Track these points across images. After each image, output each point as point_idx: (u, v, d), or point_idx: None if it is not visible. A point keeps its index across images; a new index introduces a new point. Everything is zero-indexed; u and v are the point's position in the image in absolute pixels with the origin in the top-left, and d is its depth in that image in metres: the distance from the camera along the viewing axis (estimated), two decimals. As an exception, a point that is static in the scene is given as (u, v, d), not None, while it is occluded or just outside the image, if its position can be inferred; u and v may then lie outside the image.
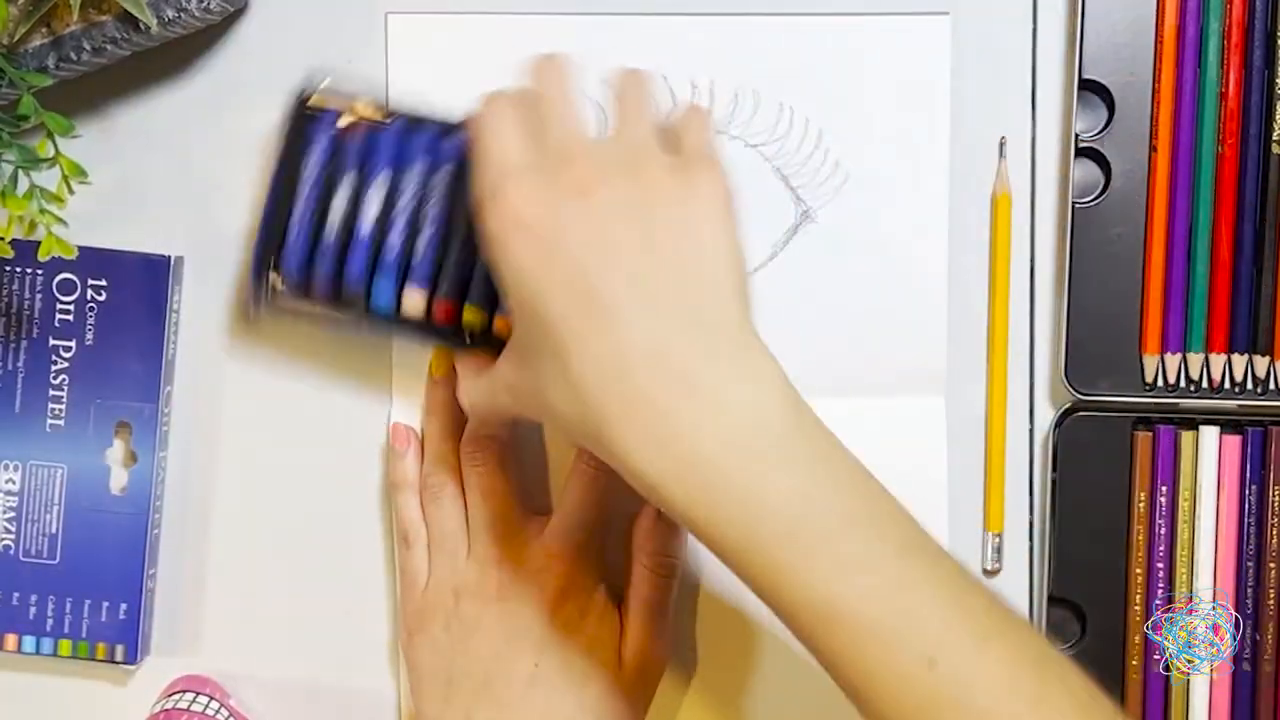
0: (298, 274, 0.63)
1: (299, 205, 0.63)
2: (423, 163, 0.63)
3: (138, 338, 0.67)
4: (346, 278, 0.63)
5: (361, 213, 0.63)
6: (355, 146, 0.63)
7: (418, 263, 0.62)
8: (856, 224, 0.68)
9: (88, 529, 0.68)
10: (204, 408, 0.70)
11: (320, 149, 0.63)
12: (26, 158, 0.61)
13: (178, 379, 0.69)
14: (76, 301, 0.68)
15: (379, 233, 0.63)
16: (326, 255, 0.63)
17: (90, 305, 0.68)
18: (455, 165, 0.63)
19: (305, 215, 0.63)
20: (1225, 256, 0.66)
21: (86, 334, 0.68)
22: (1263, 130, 0.65)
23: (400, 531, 0.67)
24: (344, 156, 0.63)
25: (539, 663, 0.63)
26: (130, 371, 0.67)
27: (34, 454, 0.68)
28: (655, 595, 0.66)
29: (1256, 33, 0.65)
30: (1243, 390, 0.66)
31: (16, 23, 0.63)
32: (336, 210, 0.63)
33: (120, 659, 0.68)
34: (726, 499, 0.52)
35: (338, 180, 0.63)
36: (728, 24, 0.67)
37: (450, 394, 0.66)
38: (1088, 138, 0.66)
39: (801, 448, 0.52)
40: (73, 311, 0.68)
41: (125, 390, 0.68)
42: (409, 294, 0.63)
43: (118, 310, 0.68)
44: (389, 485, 0.68)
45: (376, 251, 0.63)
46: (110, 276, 0.68)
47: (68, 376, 0.68)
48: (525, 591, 0.63)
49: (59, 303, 0.68)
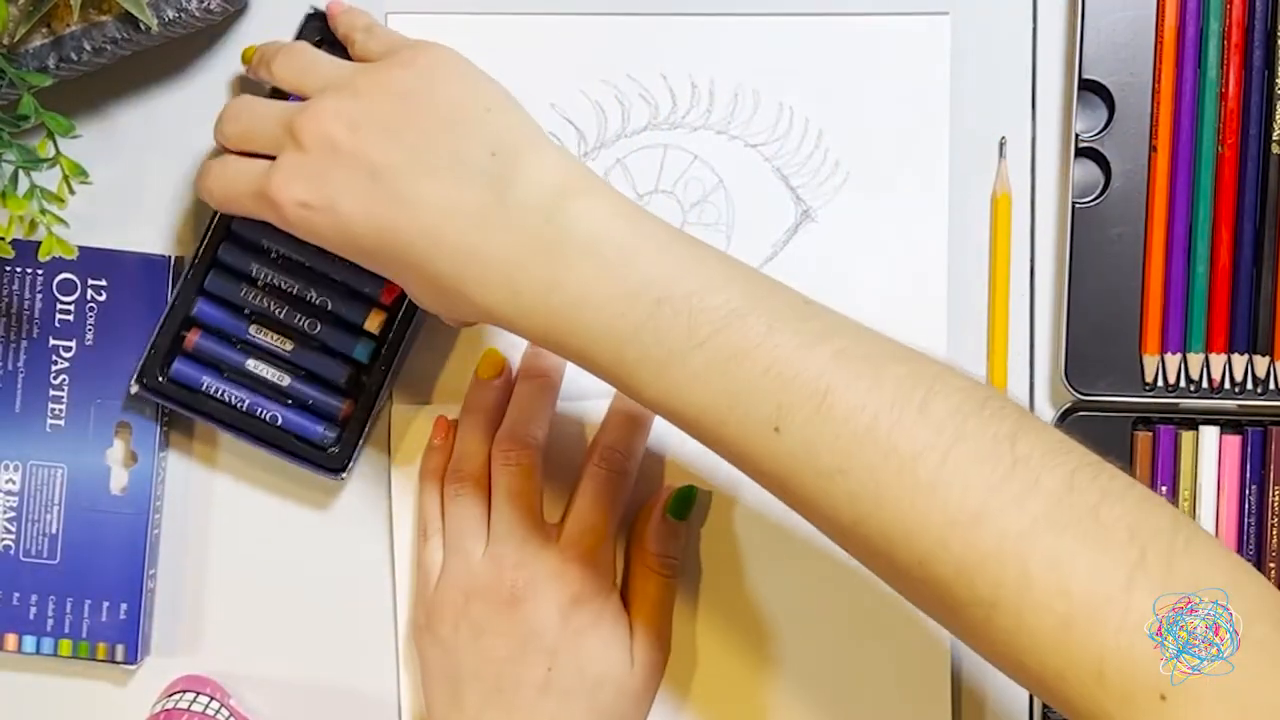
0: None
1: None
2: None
3: (138, 338, 0.67)
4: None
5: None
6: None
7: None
8: (856, 224, 0.68)
9: (88, 529, 0.68)
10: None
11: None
12: (27, 158, 0.61)
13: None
14: (76, 301, 0.68)
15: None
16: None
17: (90, 305, 0.68)
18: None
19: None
20: (1225, 256, 0.66)
21: (87, 334, 0.68)
22: (1263, 130, 0.65)
23: (420, 524, 0.67)
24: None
25: (552, 668, 0.63)
26: (130, 371, 0.67)
27: (34, 454, 0.68)
28: (658, 595, 0.66)
29: (1256, 33, 0.65)
30: (1243, 390, 0.66)
31: (17, 23, 0.63)
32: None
33: (120, 659, 0.68)
34: (573, 323, 0.54)
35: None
36: (728, 24, 0.67)
37: (489, 395, 0.67)
38: (1088, 138, 0.66)
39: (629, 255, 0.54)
40: (73, 311, 0.68)
41: (125, 390, 0.68)
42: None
43: (118, 310, 0.68)
44: (419, 476, 0.68)
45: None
46: (110, 276, 0.68)
47: (68, 376, 0.68)
48: (541, 596, 0.63)
49: (59, 303, 0.68)
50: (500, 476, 0.65)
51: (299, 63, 0.62)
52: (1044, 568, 0.49)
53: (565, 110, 0.68)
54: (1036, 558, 0.49)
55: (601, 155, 0.68)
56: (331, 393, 0.66)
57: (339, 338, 0.66)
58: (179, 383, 0.66)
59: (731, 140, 0.68)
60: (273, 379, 0.66)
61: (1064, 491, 0.49)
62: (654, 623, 0.66)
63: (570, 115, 0.68)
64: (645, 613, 0.66)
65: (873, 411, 0.51)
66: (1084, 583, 0.48)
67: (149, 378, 0.66)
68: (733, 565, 0.68)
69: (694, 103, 0.68)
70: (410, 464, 0.69)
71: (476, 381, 0.67)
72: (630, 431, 0.66)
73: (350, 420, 0.66)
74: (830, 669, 0.68)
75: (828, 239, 0.68)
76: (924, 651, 0.67)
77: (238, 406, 0.66)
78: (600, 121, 0.68)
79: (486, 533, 0.65)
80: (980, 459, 0.50)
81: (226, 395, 0.66)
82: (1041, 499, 0.49)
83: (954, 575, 0.50)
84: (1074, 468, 0.50)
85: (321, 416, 0.66)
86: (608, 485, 0.65)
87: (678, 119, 0.68)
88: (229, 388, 0.66)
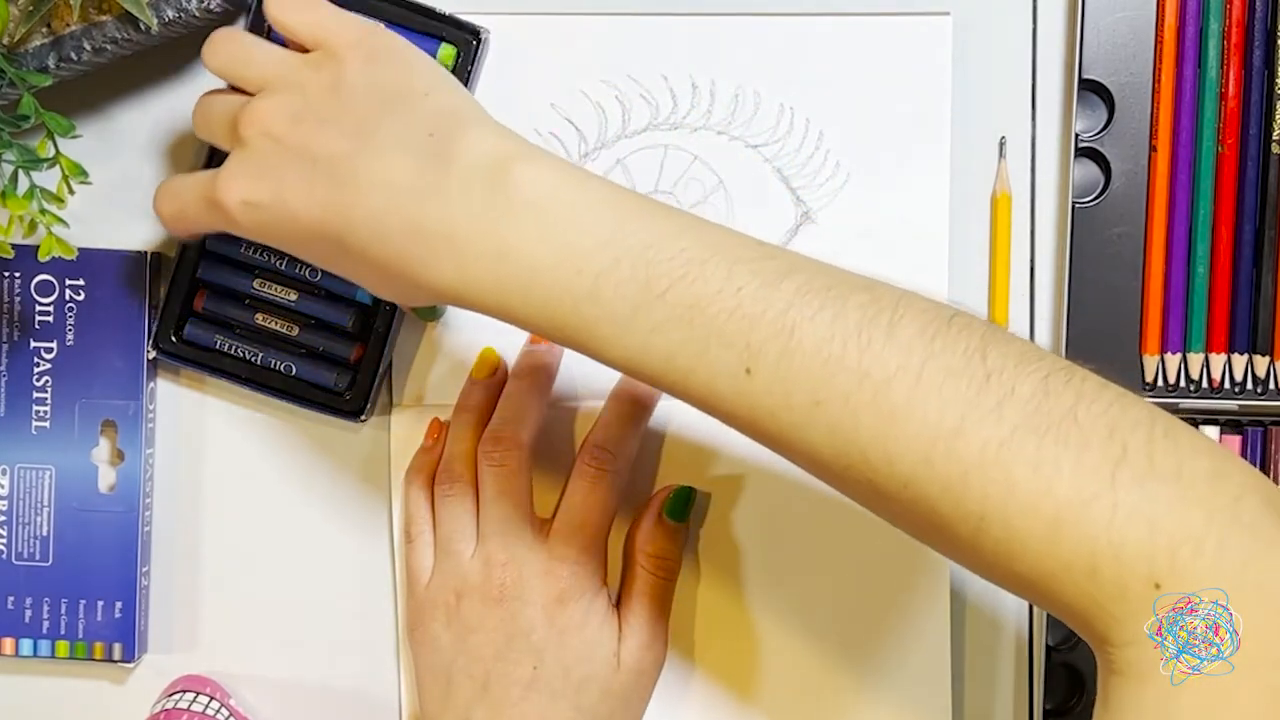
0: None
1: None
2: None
3: (119, 335, 0.68)
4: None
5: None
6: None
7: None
8: (856, 224, 0.68)
9: (79, 529, 0.68)
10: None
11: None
12: (27, 158, 0.61)
13: (160, 375, 0.69)
14: (55, 302, 0.68)
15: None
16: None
17: (69, 305, 0.68)
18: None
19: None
20: (1225, 256, 0.66)
21: (67, 334, 0.68)
22: (1263, 130, 0.65)
23: (404, 525, 0.67)
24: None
25: (538, 666, 0.63)
26: (113, 369, 0.68)
27: (21, 457, 0.68)
28: (654, 597, 0.66)
29: (1256, 33, 0.65)
30: (1243, 390, 0.66)
31: (17, 23, 0.63)
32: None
33: (118, 657, 0.68)
34: (527, 291, 0.54)
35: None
36: (728, 24, 0.67)
37: (480, 395, 0.67)
38: (1088, 138, 0.66)
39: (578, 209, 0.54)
40: (52, 312, 0.68)
41: (109, 388, 0.68)
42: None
43: (97, 309, 0.68)
44: (405, 477, 0.68)
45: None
46: (87, 275, 0.68)
47: (50, 377, 0.68)
48: (527, 594, 0.63)
49: (38, 304, 0.68)
50: (486, 477, 0.65)
51: (234, 52, 0.61)
52: (1027, 472, 0.49)
53: (565, 110, 0.68)
54: (1019, 464, 0.49)
55: (602, 155, 0.68)
56: (340, 338, 0.67)
57: (339, 282, 0.66)
58: (193, 343, 0.67)
59: (732, 141, 0.68)
60: (282, 330, 0.67)
61: (1040, 397, 0.50)
62: (646, 624, 0.65)
63: (570, 115, 0.68)
64: (638, 614, 0.65)
65: (841, 340, 0.51)
66: (1068, 482, 0.48)
67: (164, 341, 0.67)
68: (732, 565, 0.68)
69: (695, 103, 0.68)
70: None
71: (470, 381, 0.67)
72: (622, 431, 0.66)
73: (362, 363, 0.67)
74: (831, 669, 0.68)
75: (828, 240, 0.68)
76: (924, 651, 0.67)
77: (252, 361, 0.67)
78: (600, 121, 0.68)
79: (477, 532, 0.65)
80: (953, 374, 0.50)
81: (240, 351, 0.67)
82: (1018, 406, 0.49)
83: (939, 492, 0.50)
84: (1047, 373, 0.50)
85: (333, 363, 0.67)
86: (598, 484, 0.65)
87: (678, 119, 0.68)
88: (241, 344, 0.67)
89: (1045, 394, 0.50)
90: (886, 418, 0.50)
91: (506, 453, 0.65)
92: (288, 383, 0.67)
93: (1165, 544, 0.48)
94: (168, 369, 0.69)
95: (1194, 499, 0.48)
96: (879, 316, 0.51)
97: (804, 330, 0.51)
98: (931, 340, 0.51)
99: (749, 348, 0.52)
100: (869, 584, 0.68)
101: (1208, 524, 0.48)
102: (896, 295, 0.52)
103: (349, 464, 0.69)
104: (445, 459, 0.67)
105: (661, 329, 0.53)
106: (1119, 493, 0.48)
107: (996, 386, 0.50)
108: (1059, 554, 0.49)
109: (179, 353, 0.67)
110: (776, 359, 0.51)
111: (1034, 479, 0.49)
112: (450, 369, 0.69)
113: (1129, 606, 0.48)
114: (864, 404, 0.51)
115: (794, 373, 0.51)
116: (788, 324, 0.51)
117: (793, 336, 0.51)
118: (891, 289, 0.53)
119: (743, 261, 0.53)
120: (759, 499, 0.68)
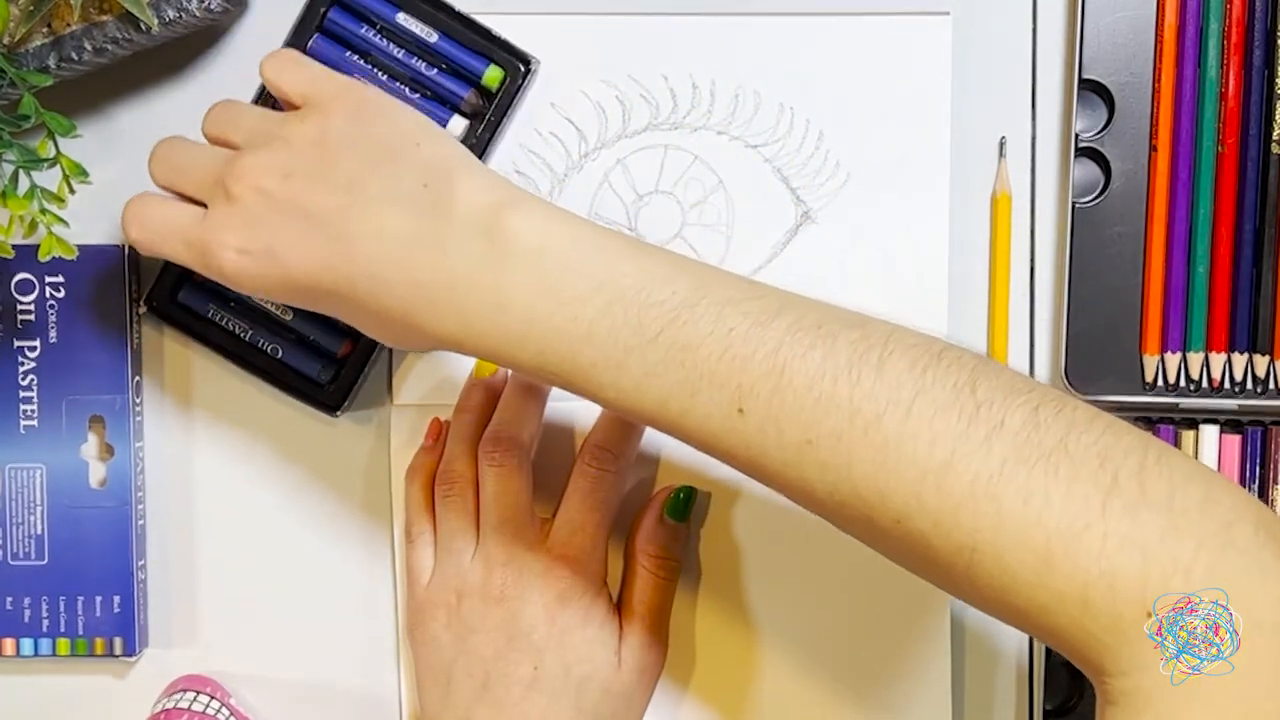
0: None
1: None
2: None
3: (101, 330, 0.68)
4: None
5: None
6: None
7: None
8: (857, 225, 0.68)
9: (73, 526, 0.68)
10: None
11: None
12: (27, 158, 0.61)
13: (146, 367, 0.69)
14: (36, 300, 0.68)
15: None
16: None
17: (50, 303, 0.68)
18: None
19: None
20: (1225, 256, 0.66)
21: (50, 332, 0.68)
22: (1263, 130, 0.65)
23: (405, 525, 0.67)
24: None
25: (538, 666, 0.63)
26: (98, 364, 0.68)
27: (11, 457, 0.68)
28: (655, 597, 0.66)
29: (1256, 33, 0.65)
30: (1243, 390, 0.66)
31: (17, 23, 0.63)
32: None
33: (120, 652, 0.68)
34: (524, 338, 0.55)
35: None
36: (728, 24, 0.67)
37: (482, 396, 0.67)
38: (1088, 138, 0.66)
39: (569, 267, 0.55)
40: (33, 311, 0.68)
41: (95, 384, 0.68)
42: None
43: (78, 304, 0.68)
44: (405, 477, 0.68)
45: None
46: (66, 272, 0.68)
47: (36, 376, 0.68)
48: (528, 594, 0.63)
49: (19, 303, 0.68)
50: (485, 477, 0.65)
51: (225, 116, 0.62)
52: (1017, 504, 0.49)
53: (565, 110, 0.68)
54: (1009, 496, 0.49)
55: (602, 155, 0.68)
56: (332, 331, 0.67)
57: None
58: (185, 306, 0.67)
59: (732, 141, 0.68)
60: (276, 313, 0.67)
61: (1029, 429, 0.50)
62: (647, 624, 0.65)
63: (570, 115, 0.68)
64: (638, 614, 0.66)
65: (832, 377, 0.51)
66: (1059, 513, 0.48)
67: (158, 300, 0.67)
68: (732, 565, 0.68)
69: (695, 103, 0.68)
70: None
71: (470, 382, 0.67)
72: (622, 432, 0.66)
73: (349, 360, 0.67)
74: (830, 667, 0.68)
75: (828, 240, 0.68)
76: (925, 653, 0.67)
77: (240, 336, 0.67)
78: (601, 121, 0.68)
79: (477, 532, 0.65)
80: (943, 409, 0.50)
81: (230, 324, 0.67)
82: (1008, 439, 0.50)
83: (931, 527, 0.50)
84: (1037, 405, 0.50)
85: (321, 354, 0.67)
86: (598, 485, 0.65)
87: (678, 119, 0.68)
88: (233, 317, 0.67)
89: (1035, 426, 0.50)
90: (878, 453, 0.51)
91: (507, 453, 0.65)
92: (272, 365, 0.67)
93: (1158, 573, 0.47)
94: (153, 361, 0.69)
95: (1185, 527, 0.48)
96: (869, 353, 0.52)
97: (795, 369, 0.52)
98: (922, 375, 0.51)
99: (740, 388, 0.52)
100: (869, 582, 0.68)
101: (1198, 551, 0.48)
102: (887, 331, 0.53)
103: (344, 460, 0.69)
104: (445, 459, 0.67)
105: (655, 371, 0.53)
106: (1110, 522, 0.48)
107: (986, 419, 0.50)
108: (1052, 585, 0.49)
109: (170, 314, 0.67)
110: (768, 398, 0.52)
111: (1024, 511, 0.49)
112: (450, 369, 0.69)
113: (1122, 636, 0.48)
114: (855, 440, 0.51)
115: (786, 411, 0.52)
116: (779, 363, 0.52)
117: (783, 375, 0.52)
118: (882, 324, 0.53)
119: (733, 302, 0.53)
120: (759, 499, 0.68)
